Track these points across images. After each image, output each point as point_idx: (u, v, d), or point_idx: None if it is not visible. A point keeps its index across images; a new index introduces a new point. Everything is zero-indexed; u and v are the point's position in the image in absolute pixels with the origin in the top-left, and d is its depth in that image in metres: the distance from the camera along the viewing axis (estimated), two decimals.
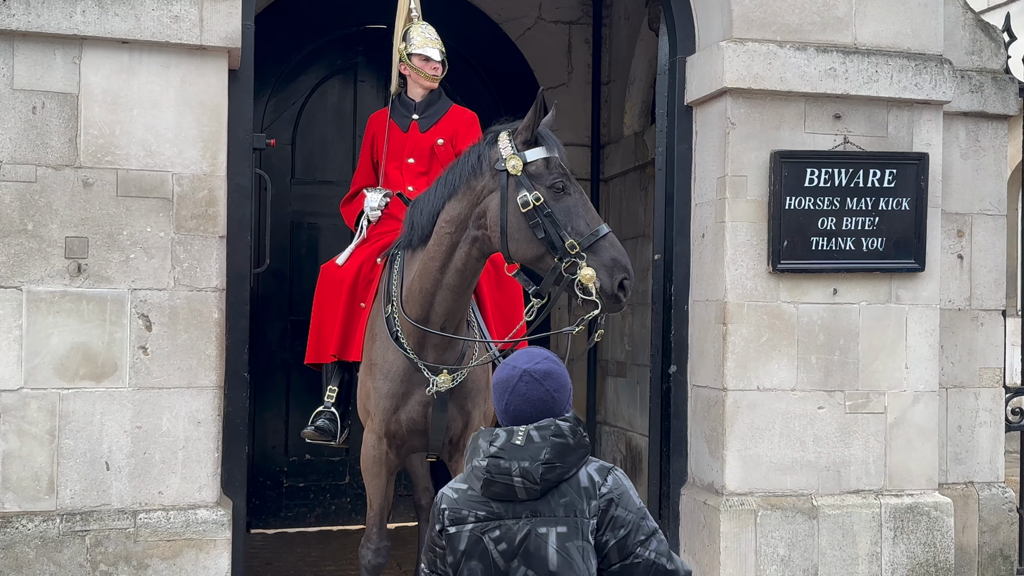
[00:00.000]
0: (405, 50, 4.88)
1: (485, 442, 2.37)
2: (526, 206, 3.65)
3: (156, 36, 4.22)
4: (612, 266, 3.58)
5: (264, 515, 6.69)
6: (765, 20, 4.91)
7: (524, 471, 2.30)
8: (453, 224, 3.90)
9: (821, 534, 4.90)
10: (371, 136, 4.99)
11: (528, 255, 3.70)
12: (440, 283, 3.96)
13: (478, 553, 2.31)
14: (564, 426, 2.36)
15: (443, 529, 2.36)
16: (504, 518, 2.32)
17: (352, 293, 4.46)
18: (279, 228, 6.43)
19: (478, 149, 3.87)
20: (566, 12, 7.46)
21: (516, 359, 2.46)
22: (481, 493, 2.34)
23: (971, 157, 5.42)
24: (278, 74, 6.75)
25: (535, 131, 3.75)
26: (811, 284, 4.96)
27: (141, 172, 4.26)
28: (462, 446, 4.22)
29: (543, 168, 3.70)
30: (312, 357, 4.71)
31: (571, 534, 2.30)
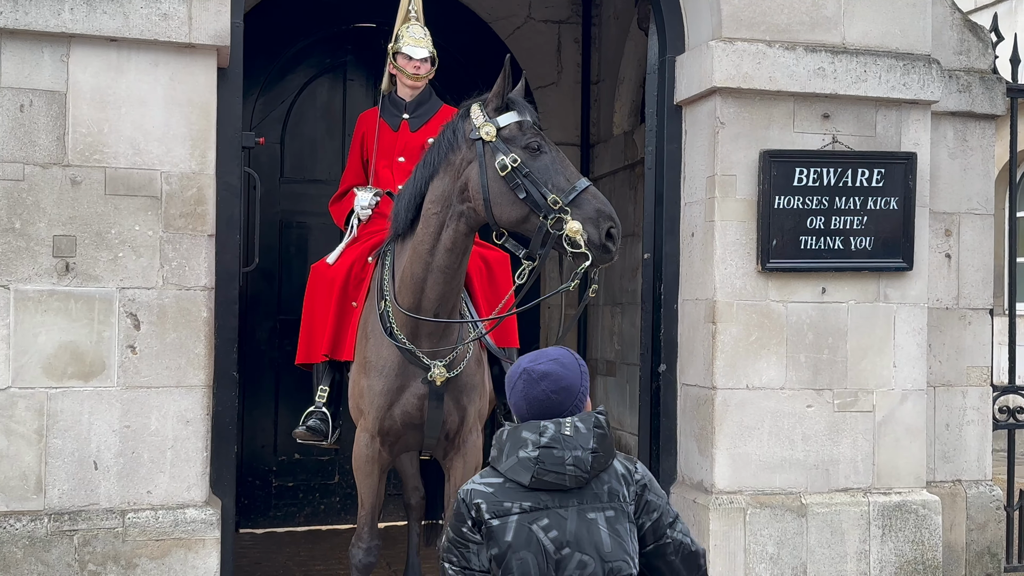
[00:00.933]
0: (393, 49, 4.88)
1: (533, 434, 2.42)
2: (504, 169, 3.67)
3: (144, 34, 4.20)
4: (597, 217, 3.59)
5: (253, 515, 6.68)
6: (754, 20, 4.92)
7: (577, 460, 2.39)
8: (439, 203, 3.90)
9: (810, 532, 4.92)
10: (361, 135, 4.98)
11: (513, 217, 3.71)
12: (431, 266, 3.95)
13: (527, 543, 2.36)
14: (602, 419, 2.47)
15: (481, 523, 2.39)
16: (551, 507, 2.39)
17: (343, 292, 4.45)
18: (268, 227, 6.42)
19: (452, 124, 3.90)
20: (556, 11, 7.46)
21: (525, 357, 2.53)
22: (529, 484, 2.39)
23: (959, 157, 5.44)
24: (267, 73, 6.73)
25: (505, 98, 3.78)
26: (800, 283, 4.97)
27: (129, 170, 4.25)
28: (458, 443, 4.22)
29: (516, 131, 3.73)
30: (303, 357, 4.69)
31: (619, 517, 2.42)
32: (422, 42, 4.83)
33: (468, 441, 4.24)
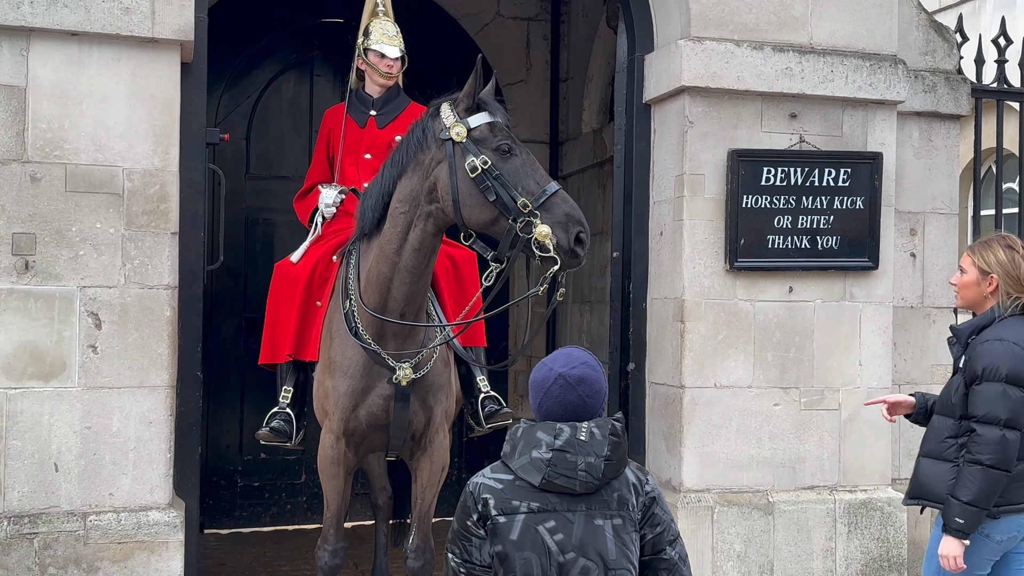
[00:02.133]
0: (363, 45, 4.82)
1: (548, 436, 2.41)
2: (474, 171, 3.64)
3: (106, 28, 4.13)
4: (566, 221, 3.57)
5: (218, 515, 6.61)
6: (722, 19, 4.92)
7: (589, 466, 2.39)
8: (407, 203, 3.86)
9: (777, 530, 4.94)
10: (327, 131, 4.92)
11: (482, 219, 3.68)
12: (397, 266, 3.91)
13: (532, 543, 2.37)
14: (619, 426, 2.46)
15: (487, 518, 2.40)
16: (559, 510, 2.39)
17: (307, 291, 4.39)
18: (233, 224, 6.34)
19: (422, 123, 3.85)
20: (524, 8, 7.44)
21: (555, 360, 2.50)
22: (539, 485, 2.39)
23: (924, 156, 5.48)
24: (232, 67, 6.65)
25: (476, 98, 3.75)
26: (767, 282, 4.99)
27: (91, 167, 4.18)
28: (424, 443, 4.19)
29: (487, 132, 3.69)
30: (266, 357, 4.61)
31: (625, 525, 2.43)
32: (395, 40, 4.79)
33: (435, 442, 4.20)
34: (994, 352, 3.36)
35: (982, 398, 3.35)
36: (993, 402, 3.33)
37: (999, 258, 3.49)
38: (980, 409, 3.35)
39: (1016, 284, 3.47)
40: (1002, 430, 3.32)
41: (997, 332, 3.41)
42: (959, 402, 3.44)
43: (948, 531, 3.39)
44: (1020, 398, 3.34)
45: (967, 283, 3.56)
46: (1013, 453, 3.35)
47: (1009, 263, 3.48)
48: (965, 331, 3.52)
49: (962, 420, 3.43)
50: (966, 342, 3.50)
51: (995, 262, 3.49)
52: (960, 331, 3.55)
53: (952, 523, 3.36)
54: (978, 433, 3.34)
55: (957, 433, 3.43)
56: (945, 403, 3.50)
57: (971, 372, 3.40)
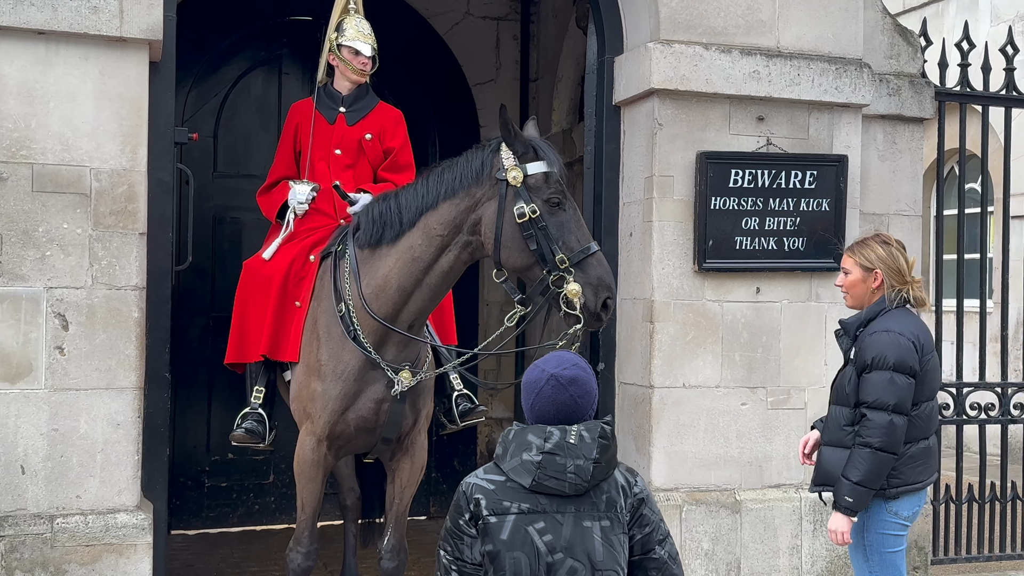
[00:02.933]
0: (336, 40, 4.79)
1: (538, 438, 2.46)
2: (522, 217, 3.73)
3: (74, 27, 4.09)
4: (597, 284, 3.70)
5: (185, 516, 6.56)
6: (691, 22, 4.96)
7: (578, 469, 2.43)
8: (447, 227, 3.92)
9: (744, 528, 5.00)
10: (294, 126, 4.87)
11: (518, 264, 3.79)
12: (422, 282, 3.99)
13: (522, 543, 2.42)
14: (608, 429, 2.51)
15: (478, 518, 2.45)
16: (549, 511, 2.44)
17: (283, 291, 4.35)
18: (201, 223, 6.29)
19: (480, 156, 3.90)
20: (494, 8, 7.45)
21: (547, 362, 2.56)
22: (530, 487, 2.44)
23: (888, 159, 5.56)
24: (200, 64, 6.60)
25: (530, 144, 3.82)
26: (735, 283, 5.04)
27: (58, 167, 4.14)
28: (406, 444, 4.25)
29: (542, 182, 3.77)
30: (234, 356, 4.56)
31: (614, 527, 2.47)
32: (369, 39, 4.78)
33: (416, 443, 4.26)
34: (882, 342, 3.56)
35: (872, 385, 3.55)
36: (882, 389, 3.53)
37: (879, 254, 3.70)
38: (870, 396, 3.55)
39: (898, 276, 3.68)
40: (890, 415, 3.53)
41: (884, 324, 3.62)
42: (852, 391, 3.63)
43: (838, 508, 3.59)
44: (906, 385, 3.55)
45: (854, 282, 3.75)
46: (900, 437, 3.55)
47: (889, 257, 3.69)
48: (853, 324, 3.72)
49: (856, 408, 3.62)
50: (855, 334, 3.69)
51: (876, 258, 3.70)
52: (848, 324, 3.74)
53: (843, 501, 3.57)
54: (868, 418, 3.54)
55: (853, 420, 3.63)
56: (840, 393, 3.69)
57: (861, 362, 3.59)
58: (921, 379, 3.61)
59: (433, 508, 7.22)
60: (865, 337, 3.61)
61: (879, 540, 3.66)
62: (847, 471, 3.57)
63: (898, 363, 3.54)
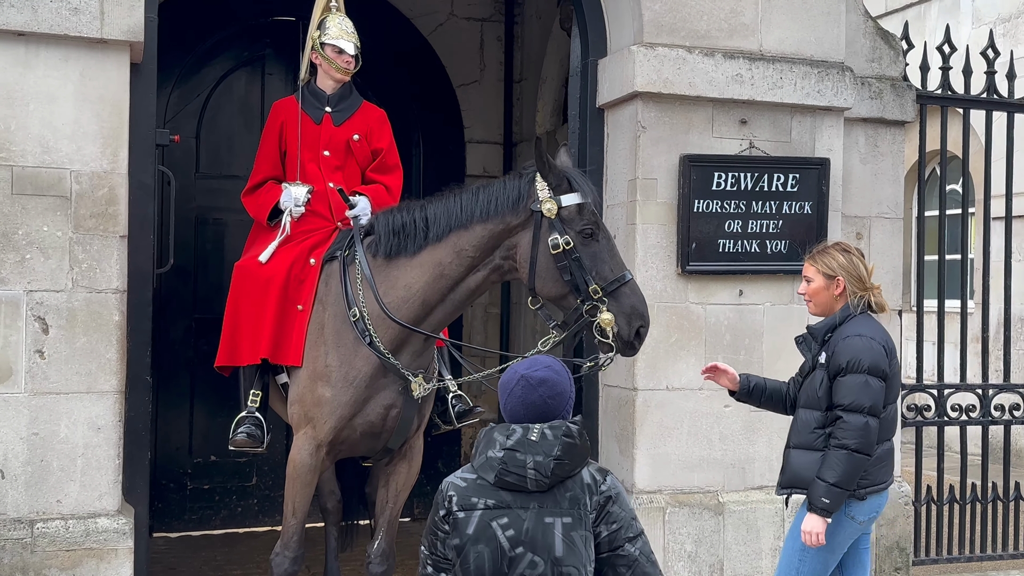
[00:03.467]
0: (319, 39, 4.76)
1: (502, 436, 2.55)
2: (556, 249, 3.81)
3: (54, 28, 4.06)
4: (631, 313, 3.80)
5: (167, 518, 6.53)
6: (675, 25, 4.97)
7: (538, 464, 2.50)
8: (479, 248, 3.99)
9: (727, 530, 5.01)
10: (279, 125, 4.79)
11: (553, 293, 3.88)
12: (447, 298, 4.06)
13: (486, 538, 2.50)
14: (573, 428, 2.57)
15: (450, 514, 2.54)
16: (513, 507, 2.51)
17: (283, 294, 4.30)
18: (183, 224, 6.26)
19: (518, 185, 3.97)
20: (478, 9, 7.44)
21: (521, 364, 2.66)
22: (494, 483, 2.52)
23: (870, 162, 5.59)
24: (182, 65, 6.56)
25: (564, 176, 3.90)
26: (718, 285, 5.05)
27: (38, 169, 4.11)
28: (405, 449, 4.30)
29: (576, 213, 3.85)
30: (225, 359, 4.47)
31: (575, 524, 2.51)
32: (352, 37, 4.75)
33: (415, 447, 4.31)
34: (856, 347, 3.63)
35: (847, 388, 3.62)
36: (858, 391, 3.60)
37: (840, 262, 3.79)
38: (846, 398, 3.61)
39: (859, 283, 3.77)
40: (866, 417, 3.60)
41: (856, 328, 3.69)
42: (824, 395, 3.69)
43: (814, 510, 3.63)
44: (879, 388, 3.63)
45: (817, 290, 3.83)
46: (875, 438, 3.63)
47: (849, 265, 3.78)
48: (821, 330, 3.79)
49: (828, 411, 3.67)
50: (823, 339, 3.76)
51: (838, 266, 3.78)
52: (816, 330, 3.81)
53: (819, 503, 3.61)
54: (844, 420, 3.60)
55: (824, 424, 3.69)
56: (810, 398, 3.73)
57: (835, 365, 3.65)
58: (889, 382, 3.70)
59: (417, 510, 7.21)
60: (838, 342, 3.67)
61: (830, 540, 3.69)
62: (823, 473, 3.61)
63: (872, 367, 3.62)
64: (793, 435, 3.80)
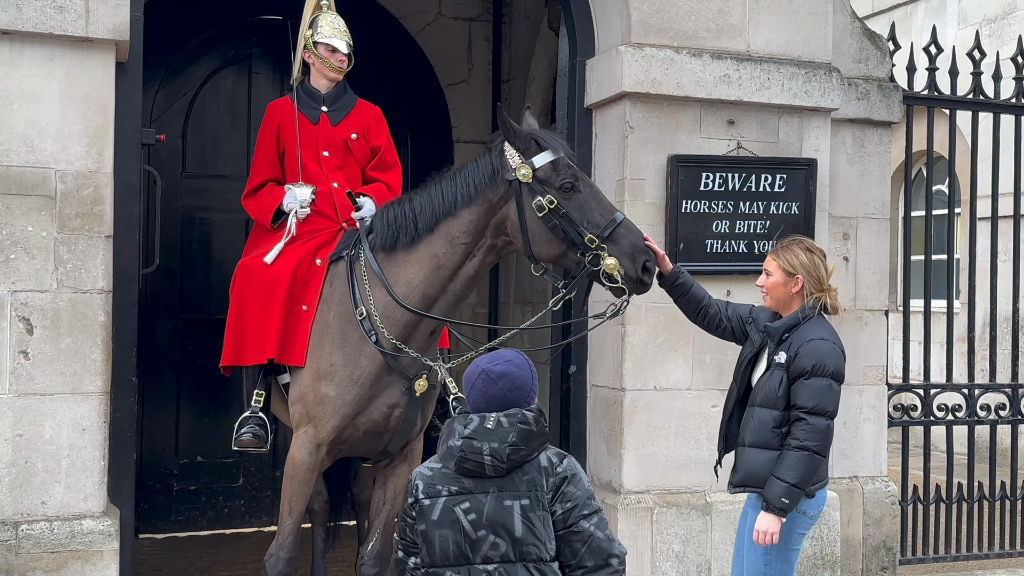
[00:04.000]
0: (311, 38, 4.74)
1: (460, 425, 2.67)
2: (542, 211, 3.81)
3: (39, 27, 4.03)
4: (632, 251, 3.78)
5: (153, 519, 6.50)
6: (662, 26, 4.97)
7: (493, 451, 2.62)
8: (470, 234, 3.98)
9: (714, 530, 5.02)
10: (276, 125, 4.74)
11: (552, 254, 3.88)
12: (447, 289, 4.05)
13: (449, 522, 2.62)
14: (529, 415, 2.67)
15: (416, 501, 2.66)
16: (474, 492, 2.63)
17: (289, 294, 4.27)
18: (169, 224, 6.24)
19: (490, 161, 3.96)
20: (466, 8, 7.43)
21: (483, 358, 2.75)
22: (454, 470, 2.64)
23: (857, 163, 5.60)
24: (168, 64, 6.53)
25: (531, 138, 3.88)
26: (706, 285, 4.95)
27: (22, 168, 4.08)
28: (406, 451, 4.29)
29: (551, 171, 3.84)
30: (230, 359, 4.42)
31: (533, 506, 2.63)
32: (345, 35, 4.73)
33: (416, 449, 4.31)
34: (822, 351, 3.67)
35: (812, 391, 3.64)
36: (822, 395, 3.64)
37: (802, 260, 3.80)
38: (810, 401, 3.64)
39: (818, 284, 3.79)
40: (828, 420, 3.66)
41: (817, 332, 3.72)
42: (784, 395, 3.70)
43: (771, 509, 3.65)
44: (839, 392, 3.70)
45: (775, 284, 3.85)
46: (831, 441, 3.71)
47: (811, 264, 3.79)
48: (779, 329, 3.79)
49: (786, 411, 3.69)
50: (780, 339, 3.77)
51: (799, 264, 3.79)
52: (775, 329, 3.81)
53: (777, 502, 3.63)
54: (808, 422, 3.63)
55: (781, 423, 3.70)
56: (768, 397, 3.74)
57: (799, 368, 3.67)
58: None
59: None
60: (801, 344, 3.68)
61: (788, 538, 3.74)
62: (782, 473, 3.63)
63: (835, 371, 3.67)
64: (749, 433, 3.81)
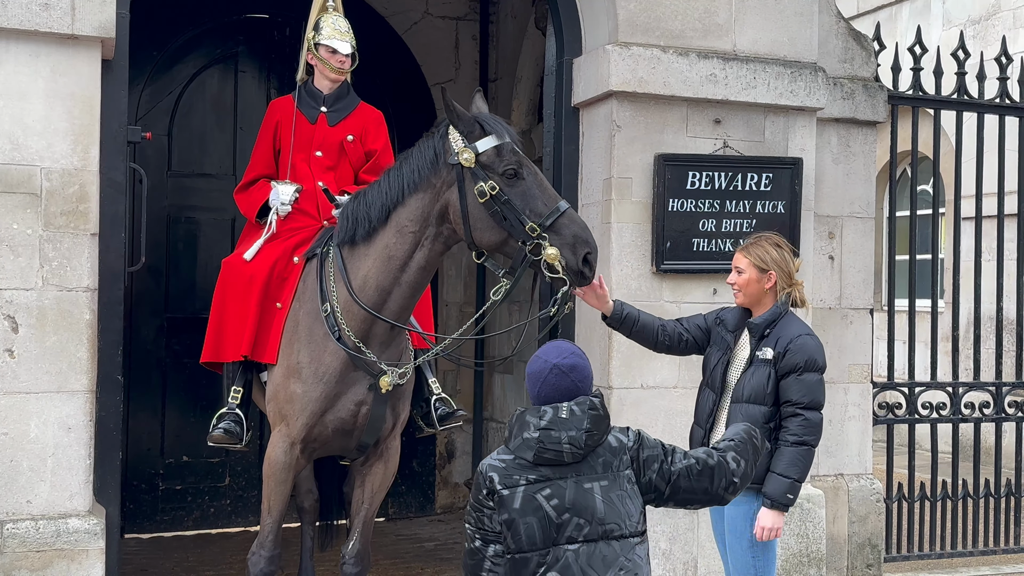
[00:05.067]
0: (314, 39, 4.75)
1: (534, 418, 2.77)
2: (483, 196, 3.73)
3: (24, 24, 4.01)
4: (574, 242, 3.68)
5: (139, 519, 6.47)
6: (649, 25, 4.99)
7: (571, 439, 2.74)
8: (417, 222, 3.92)
9: (700, 527, 5.03)
10: (275, 123, 4.77)
11: (493, 241, 3.79)
12: (400, 280, 3.98)
13: (532, 509, 2.72)
14: (596, 401, 2.81)
15: (494, 492, 2.76)
16: (552, 479, 2.74)
17: (265, 291, 4.28)
18: (155, 222, 6.21)
19: (432, 144, 3.89)
20: (453, 7, 7.43)
21: (547, 353, 2.85)
22: (532, 461, 2.75)
23: (842, 162, 5.63)
24: (154, 62, 6.51)
25: (476, 121, 3.81)
26: (692, 284, 5.07)
27: (7, 166, 4.06)
28: (381, 448, 4.25)
29: (495, 156, 3.76)
30: (210, 355, 4.47)
31: (611, 485, 2.75)
32: (347, 36, 4.73)
33: (391, 447, 4.25)
34: (810, 346, 3.74)
35: (806, 387, 3.70)
36: (816, 390, 3.72)
37: (773, 256, 3.84)
38: (805, 397, 3.70)
39: (788, 279, 3.85)
40: (821, 414, 3.73)
41: (801, 327, 3.80)
42: (772, 391, 3.74)
43: (775, 506, 3.68)
44: (825, 386, 3.79)
45: (748, 281, 3.87)
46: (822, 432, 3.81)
47: (782, 260, 3.85)
48: (761, 325, 3.83)
49: (775, 407, 3.73)
50: (762, 334, 3.80)
51: (771, 260, 3.83)
52: (756, 325, 3.84)
53: (782, 499, 3.67)
54: (805, 417, 3.69)
55: (770, 418, 3.74)
56: (756, 393, 3.75)
57: (790, 364, 3.71)
58: None
59: (392, 509, 7.19)
60: (790, 340, 3.73)
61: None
62: (784, 470, 3.66)
63: (823, 366, 3.76)
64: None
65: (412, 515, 7.24)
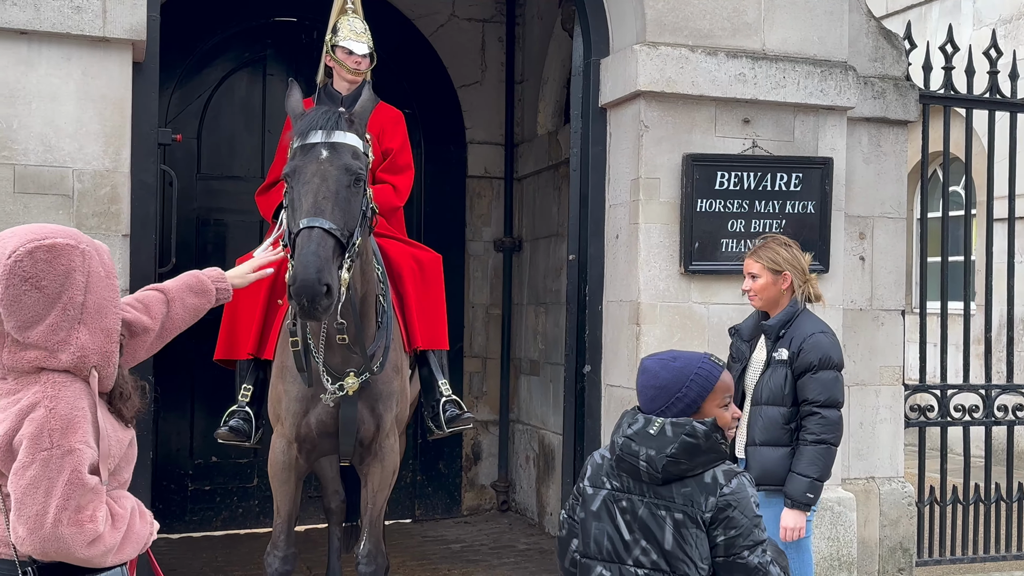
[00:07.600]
0: (331, 41, 4.77)
1: (627, 422, 2.60)
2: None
3: (56, 27, 4.05)
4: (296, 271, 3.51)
5: (168, 519, 6.50)
6: (677, 24, 4.96)
7: (649, 458, 2.50)
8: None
9: None
10: None
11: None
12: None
13: (607, 516, 2.58)
14: (699, 429, 2.50)
15: (582, 486, 2.67)
16: (632, 493, 2.56)
17: (271, 289, 4.31)
18: (184, 225, 6.27)
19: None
20: (480, 9, 7.43)
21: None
22: (616, 466, 2.59)
23: (873, 162, 5.57)
24: (183, 66, 6.56)
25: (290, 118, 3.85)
26: (721, 285, 5.03)
27: (40, 168, 4.10)
28: (375, 449, 4.18)
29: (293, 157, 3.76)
30: (223, 353, 4.51)
31: (686, 521, 2.49)
32: (363, 37, 4.74)
33: (384, 447, 4.20)
34: (825, 344, 3.74)
35: (823, 385, 3.70)
36: (833, 387, 3.71)
37: (785, 256, 3.87)
38: (823, 395, 3.70)
39: (802, 275, 3.87)
40: (839, 411, 3.72)
41: (816, 325, 3.79)
42: (791, 392, 3.74)
43: (796, 506, 3.68)
44: (843, 382, 3.79)
45: (764, 285, 3.90)
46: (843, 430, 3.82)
47: (793, 259, 3.88)
48: (775, 326, 3.83)
49: (794, 407, 3.73)
50: (778, 335, 3.80)
51: (783, 260, 3.87)
52: (770, 327, 3.85)
53: (803, 498, 3.68)
54: (823, 416, 3.68)
55: (790, 419, 3.74)
56: (774, 395, 3.76)
57: (805, 363, 3.72)
58: None
59: (418, 511, 7.20)
60: (804, 339, 3.73)
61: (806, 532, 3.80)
62: (804, 469, 3.66)
63: (839, 363, 3.76)
64: (759, 432, 3.82)
65: (439, 517, 7.24)
